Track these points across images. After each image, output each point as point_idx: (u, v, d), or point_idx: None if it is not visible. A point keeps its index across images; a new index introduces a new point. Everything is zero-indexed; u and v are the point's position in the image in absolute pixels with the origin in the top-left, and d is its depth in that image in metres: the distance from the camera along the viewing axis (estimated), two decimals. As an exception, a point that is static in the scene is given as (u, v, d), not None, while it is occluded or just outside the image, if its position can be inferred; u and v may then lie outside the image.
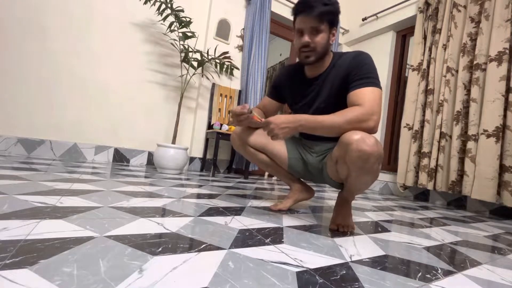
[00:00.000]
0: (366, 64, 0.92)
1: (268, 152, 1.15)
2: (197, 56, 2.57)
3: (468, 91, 2.20)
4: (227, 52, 2.51)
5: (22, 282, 0.38)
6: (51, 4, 2.09)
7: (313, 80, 1.04)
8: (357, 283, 0.53)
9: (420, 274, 0.62)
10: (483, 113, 2.00)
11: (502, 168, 1.90)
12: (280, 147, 1.15)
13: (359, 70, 0.91)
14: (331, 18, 0.92)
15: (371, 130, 0.84)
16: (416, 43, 2.63)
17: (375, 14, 3.18)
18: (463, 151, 2.14)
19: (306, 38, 0.93)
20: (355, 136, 0.78)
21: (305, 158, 1.13)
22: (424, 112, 2.47)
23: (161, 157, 2.09)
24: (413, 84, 2.59)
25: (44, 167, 1.52)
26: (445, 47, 2.37)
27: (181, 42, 2.39)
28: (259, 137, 1.13)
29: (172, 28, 2.29)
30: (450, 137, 2.24)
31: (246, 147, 1.14)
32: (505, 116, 1.93)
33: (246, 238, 0.72)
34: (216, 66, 2.66)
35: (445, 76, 2.30)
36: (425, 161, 2.35)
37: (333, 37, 0.97)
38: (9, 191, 0.89)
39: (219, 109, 2.75)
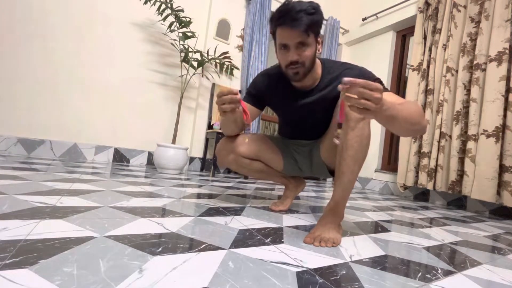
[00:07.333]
0: (369, 72, 0.91)
1: (262, 158, 1.11)
2: (197, 56, 2.57)
3: (468, 91, 2.20)
4: (227, 52, 2.51)
5: (22, 282, 0.38)
6: (52, 4, 2.09)
7: (306, 93, 0.98)
8: (357, 283, 0.52)
9: (420, 274, 0.62)
10: (483, 113, 2.00)
11: (502, 168, 1.90)
12: (273, 150, 1.13)
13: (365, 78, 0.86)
14: (317, 28, 0.85)
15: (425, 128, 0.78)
16: (416, 43, 2.63)
17: (375, 14, 3.18)
18: (463, 151, 2.14)
19: (294, 55, 0.86)
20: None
21: (295, 156, 1.14)
22: (424, 112, 2.47)
23: (161, 157, 2.09)
24: (413, 84, 2.59)
25: (44, 167, 1.52)
26: (445, 47, 2.37)
27: (181, 42, 2.39)
28: (250, 145, 1.08)
29: (172, 28, 2.29)
30: (450, 137, 2.24)
31: (239, 159, 1.07)
32: (505, 116, 1.93)
33: (246, 238, 0.72)
34: (216, 66, 2.66)
35: (445, 76, 2.30)
36: (425, 161, 2.35)
37: (320, 46, 0.91)
38: (9, 191, 0.89)
39: (219, 109, 2.75)
